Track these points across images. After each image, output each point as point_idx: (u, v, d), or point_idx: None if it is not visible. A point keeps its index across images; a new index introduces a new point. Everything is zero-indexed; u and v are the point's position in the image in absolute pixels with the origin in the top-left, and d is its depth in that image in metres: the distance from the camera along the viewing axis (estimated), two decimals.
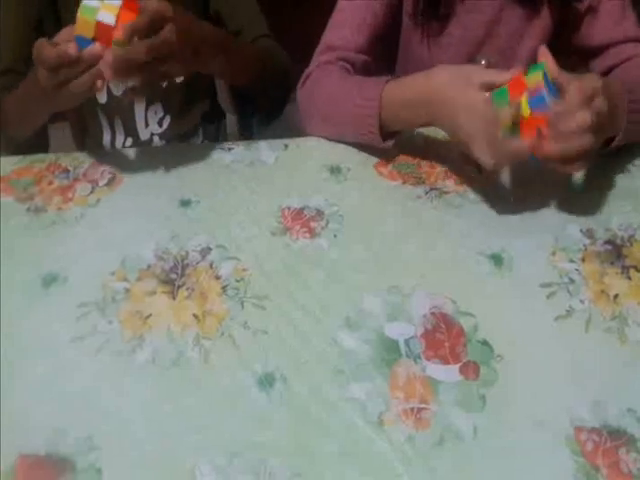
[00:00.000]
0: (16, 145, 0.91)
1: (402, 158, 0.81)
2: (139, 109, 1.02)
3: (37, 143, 0.96)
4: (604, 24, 0.90)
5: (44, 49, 0.65)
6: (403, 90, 0.75)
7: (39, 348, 0.59)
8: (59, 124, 1.11)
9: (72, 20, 0.66)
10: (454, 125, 0.69)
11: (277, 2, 2.02)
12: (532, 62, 0.68)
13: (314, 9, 1.13)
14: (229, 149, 0.84)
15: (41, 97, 0.75)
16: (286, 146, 0.84)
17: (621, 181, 0.77)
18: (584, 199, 0.74)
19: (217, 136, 1.17)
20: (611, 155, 0.75)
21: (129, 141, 1.04)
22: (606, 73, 0.91)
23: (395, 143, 0.78)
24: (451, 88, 0.69)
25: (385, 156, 0.80)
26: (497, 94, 0.65)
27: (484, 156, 0.66)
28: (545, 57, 0.66)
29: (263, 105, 1.01)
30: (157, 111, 1.03)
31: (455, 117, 0.68)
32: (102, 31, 0.64)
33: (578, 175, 0.77)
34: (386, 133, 0.77)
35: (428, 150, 0.81)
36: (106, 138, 1.05)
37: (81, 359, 0.58)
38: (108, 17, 0.64)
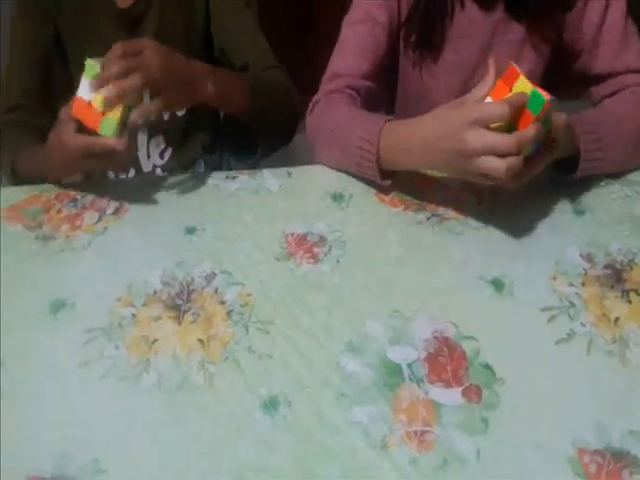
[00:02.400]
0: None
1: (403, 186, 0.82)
2: (141, 141, 1.04)
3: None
4: (605, 54, 0.91)
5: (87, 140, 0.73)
6: (400, 135, 0.75)
7: (47, 373, 0.60)
8: None
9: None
10: (449, 167, 0.71)
11: (284, 35, 2.07)
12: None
13: (320, 41, 1.15)
14: (234, 177, 0.86)
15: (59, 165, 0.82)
16: (290, 174, 0.86)
17: (619, 207, 0.78)
18: (583, 224, 0.75)
19: (220, 167, 1.18)
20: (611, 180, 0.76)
21: (132, 173, 1.06)
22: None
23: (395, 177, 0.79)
24: (443, 130, 0.68)
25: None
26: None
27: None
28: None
29: (264, 137, 1.00)
30: (159, 143, 1.05)
31: (450, 160, 0.69)
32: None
33: (577, 201, 0.78)
34: (385, 171, 0.78)
35: (429, 178, 0.83)
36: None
37: (88, 384, 0.59)
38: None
